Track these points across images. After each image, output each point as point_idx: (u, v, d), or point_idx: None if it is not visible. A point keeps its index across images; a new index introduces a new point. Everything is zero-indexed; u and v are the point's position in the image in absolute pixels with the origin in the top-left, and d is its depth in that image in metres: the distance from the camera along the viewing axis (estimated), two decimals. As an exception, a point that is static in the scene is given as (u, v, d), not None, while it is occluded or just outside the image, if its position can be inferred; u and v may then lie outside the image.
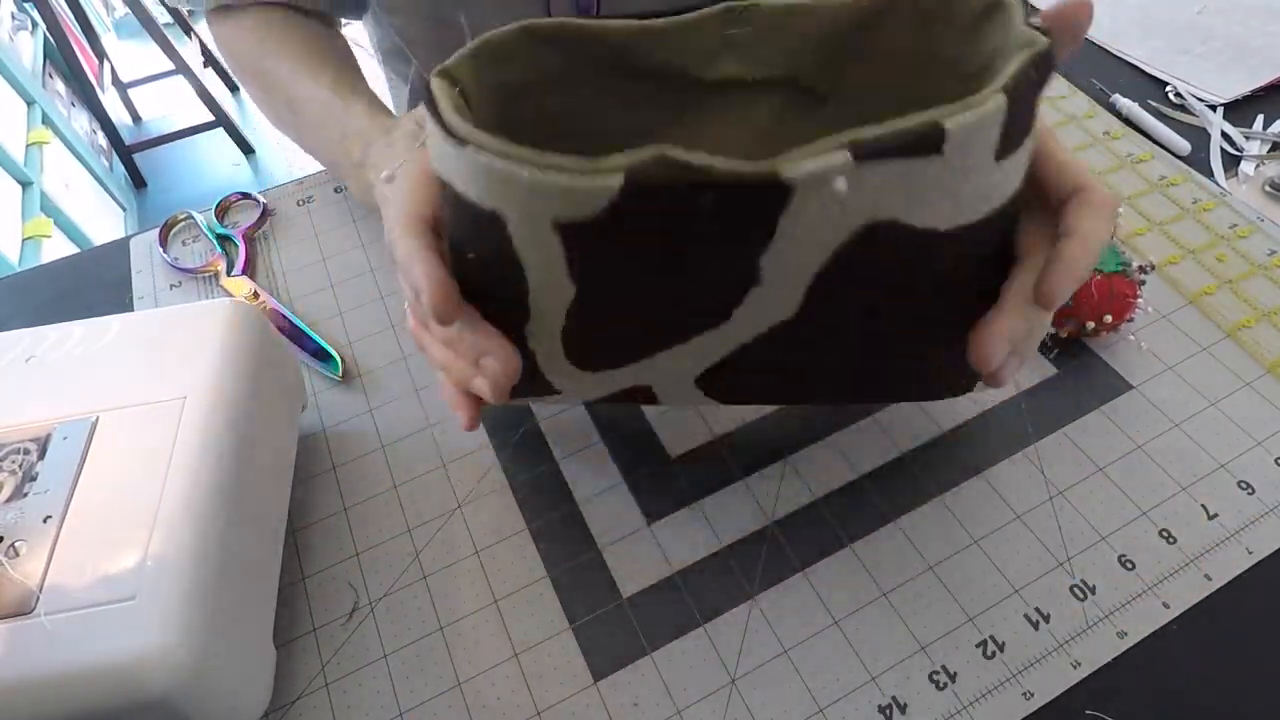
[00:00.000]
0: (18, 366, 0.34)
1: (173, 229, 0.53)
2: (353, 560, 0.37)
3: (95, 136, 1.91)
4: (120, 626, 0.27)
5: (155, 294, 0.49)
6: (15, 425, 0.32)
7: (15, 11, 1.77)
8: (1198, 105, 0.57)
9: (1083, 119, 0.56)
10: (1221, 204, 0.50)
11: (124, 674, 0.26)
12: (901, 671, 0.33)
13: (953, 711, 0.32)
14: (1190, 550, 0.36)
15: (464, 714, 0.33)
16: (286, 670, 0.34)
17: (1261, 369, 0.42)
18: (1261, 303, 0.45)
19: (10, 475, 0.31)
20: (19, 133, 1.54)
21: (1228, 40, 0.61)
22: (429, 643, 0.35)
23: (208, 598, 0.28)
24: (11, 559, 0.29)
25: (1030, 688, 0.32)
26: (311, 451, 0.41)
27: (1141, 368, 0.42)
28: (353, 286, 0.49)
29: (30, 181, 1.48)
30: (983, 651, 0.33)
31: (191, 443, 0.31)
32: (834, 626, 0.34)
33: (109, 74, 2.05)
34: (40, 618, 0.27)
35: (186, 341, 0.35)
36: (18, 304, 0.50)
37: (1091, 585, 0.35)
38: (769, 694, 0.33)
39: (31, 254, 1.38)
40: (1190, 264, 0.47)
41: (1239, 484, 0.38)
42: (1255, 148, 0.54)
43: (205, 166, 2.07)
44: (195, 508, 0.30)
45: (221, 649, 0.29)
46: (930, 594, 0.35)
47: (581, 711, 0.33)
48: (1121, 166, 0.52)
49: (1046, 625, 0.34)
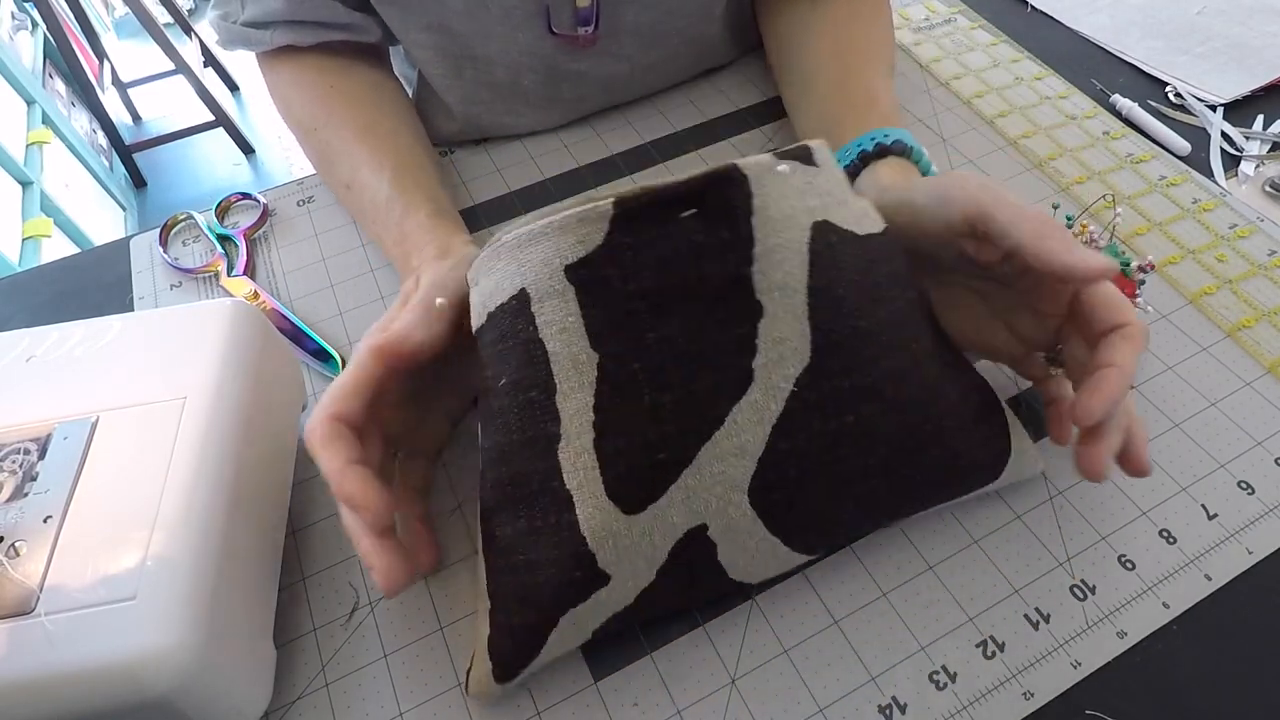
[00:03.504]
0: (18, 366, 0.34)
1: (173, 229, 0.53)
2: (353, 560, 0.37)
3: (95, 136, 1.91)
4: (120, 626, 0.27)
5: (155, 294, 0.49)
6: (15, 425, 0.32)
7: (15, 11, 1.77)
8: (1198, 105, 0.57)
9: (1083, 119, 0.56)
10: (1221, 204, 0.50)
11: (124, 674, 0.26)
12: (901, 671, 0.33)
13: (953, 711, 0.32)
14: (1190, 550, 0.36)
15: (464, 714, 0.33)
16: (286, 670, 0.34)
17: (1261, 369, 0.42)
18: (1261, 303, 0.45)
19: (10, 475, 0.31)
20: (19, 133, 1.54)
21: (1228, 40, 0.61)
22: (429, 643, 0.35)
23: (208, 598, 0.28)
24: (11, 559, 0.29)
25: (1030, 688, 0.32)
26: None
27: (1141, 368, 0.42)
28: (353, 286, 0.49)
29: (30, 181, 1.48)
30: (983, 651, 0.33)
31: (191, 443, 0.32)
32: (834, 626, 0.34)
33: (109, 74, 2.05)
34: (40, 618, 0.27)
35: (186, 341, 0.35)
36: (18, 304, 0.50)
37: (1091, 585, 0.35)
38: (769, 694, 0.33)
39: (31, 254, 1.38)
40: (1190, 264, 0.47)
41: (1239, 484, 0.38)
42: (1255, 148, 0.54)
43: (205, 166, 2.07)
44: (195, 508, 0.30)
45: (221, 649, 0.29)
46: (930, 594, 0.35)
47: (581, 711, 0.33)
48: (1121, 166, 0.52)
49: (1046, 625, 0.34)
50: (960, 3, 0.67)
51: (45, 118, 1.64)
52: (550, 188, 0.54)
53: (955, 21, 0.65)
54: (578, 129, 0.58)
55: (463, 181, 0.55)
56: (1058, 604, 0.34)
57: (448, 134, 0.57)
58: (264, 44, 0.49)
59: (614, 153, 0.56)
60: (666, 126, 0.57)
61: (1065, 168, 0.52)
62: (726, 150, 0.55)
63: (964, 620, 0.34)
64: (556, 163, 0.56)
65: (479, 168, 0.56)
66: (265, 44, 0.49)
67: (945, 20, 0.65)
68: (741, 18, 0.58)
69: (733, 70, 0.62)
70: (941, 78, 0.60)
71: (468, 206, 0.53)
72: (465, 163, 0.56)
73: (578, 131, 0.58)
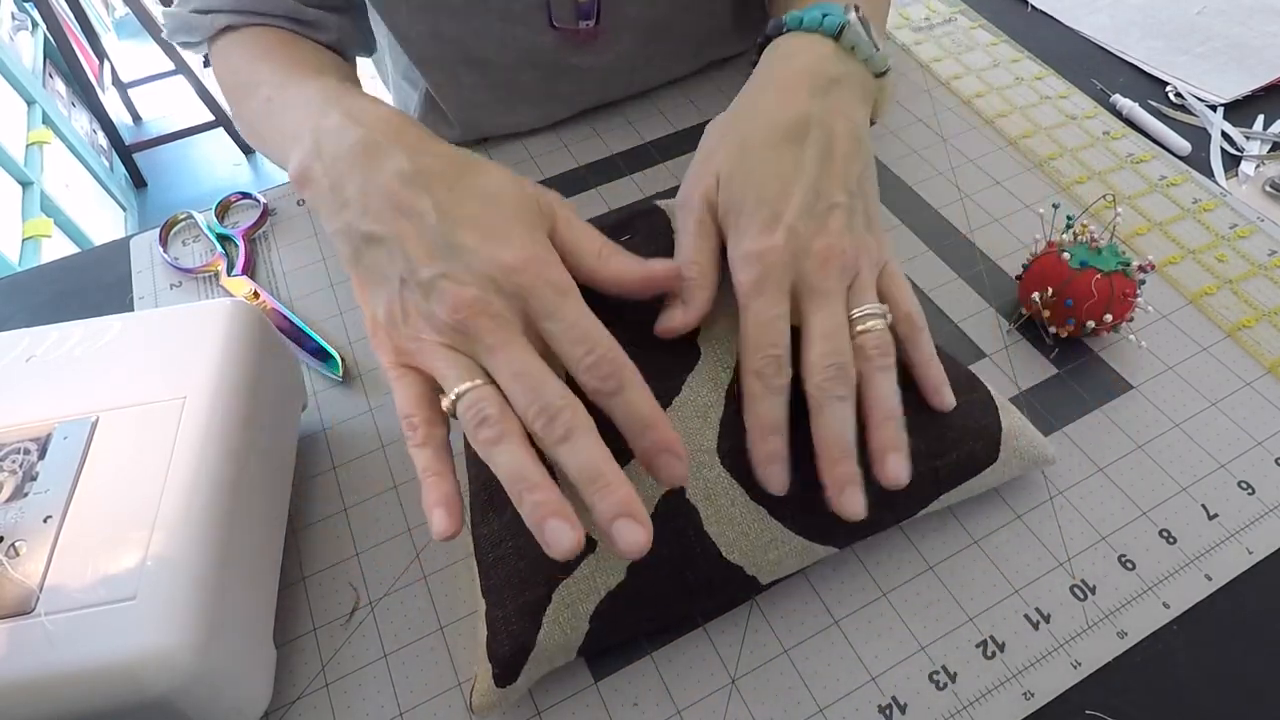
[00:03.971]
0: (18, 366, 0.34)
1: (173, 229, 0.53)
2: (353, 560, 0.37)
3: (95, 136, 1.91)
4: (120, 626, 0.27)
5: (155, 294, 0.49)
6: (15, 425, 0.32)
7: (15, 11, 1.77)
8: (1198, 105, 0.57)
9: (1083, 119, 0.56)
10: (1222, 204, 0.50)
11: (124, 674, 0.26)
12: (901, 671, 0.33)
13: (953, 711, 0.32)
14: (1190, 550, 0.36)
15: (464, 714, 0.33)
16: (286, 670, 0.34)
17: (1262, 369, 0.42)
18: (1261, 303, 0.45)
19: (10, 475, 0.31)
20: (19, 133, 1.54)
21: (1228, 40, 0.61)
22: (429, 643, 0.35)
23: (208, 598, 0.28)
24: (11, 559, 0.29)
25: (1030, 688, 0.32)
26: (311, 451, 0.41)
27: (1141, 368, 0.42)
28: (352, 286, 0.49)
29: (30, 181, 1.48)
30: (983, 651, 0.33)
31: (191, 443, 0.31)
32: (834, 626, 0.34)
33: (109, 74, 2.05)
34: (40, 618, 0.27)
35: (186, 341, 0.35)
36: (18, 304, 0.50)
37: (1091, 585, 0.35)
38: (769, 694, 0.33)
39: (31, 254, 1.38)
40: (1190, 264, 0.47)
41: (1239, 484, 0.38)
42: (1255, 148, 0.54)
43: (205, 166, 2.07)
44: (195, 508, 0.30)
45: (221, 649, 0.29)
46: (930, 594, 0.35)
47: (581, 711, 0.33)
48: (1121, 166, 0.52)
49: (1046, 625, 0.34)
50: (960, 2, 0.67)
51: (45, 118, 1.64)
52: (551, 188, 0.54)
53: (955, 21, 0.65)
54: (578, 129, 0.58)
55: (463, 181, 0.55)
56: (1058, 604, 0.34)
57: (448, 139, 0.57)
58: (205, 30, 0.48)
59: (614, 152, 0.56)
60: (666, 126, 0.57)
61: (1065, 168, 0.52)
62: (726, 150, 0.55)
63: (964, 620, 0.34)
64: (557, 162, 0.56)
65: (479, 168, 0.56)
66: (207, 29, 0.48)
67: (945, 20, 0.65)
68: (742, 10, 0.58)
69: (733, 69, 0.61)
70: (941, 77, 0.60)
71: (468, 206, 0.53)
72: (465, 163, 0.56)
73: (578, 131, 0.58)
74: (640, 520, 0.27)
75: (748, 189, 0.34)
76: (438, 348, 0.30)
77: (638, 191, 0.53)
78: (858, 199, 0.35)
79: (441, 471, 0.29)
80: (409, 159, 0.32)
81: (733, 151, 0.36)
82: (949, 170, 0.53)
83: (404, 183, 0.31)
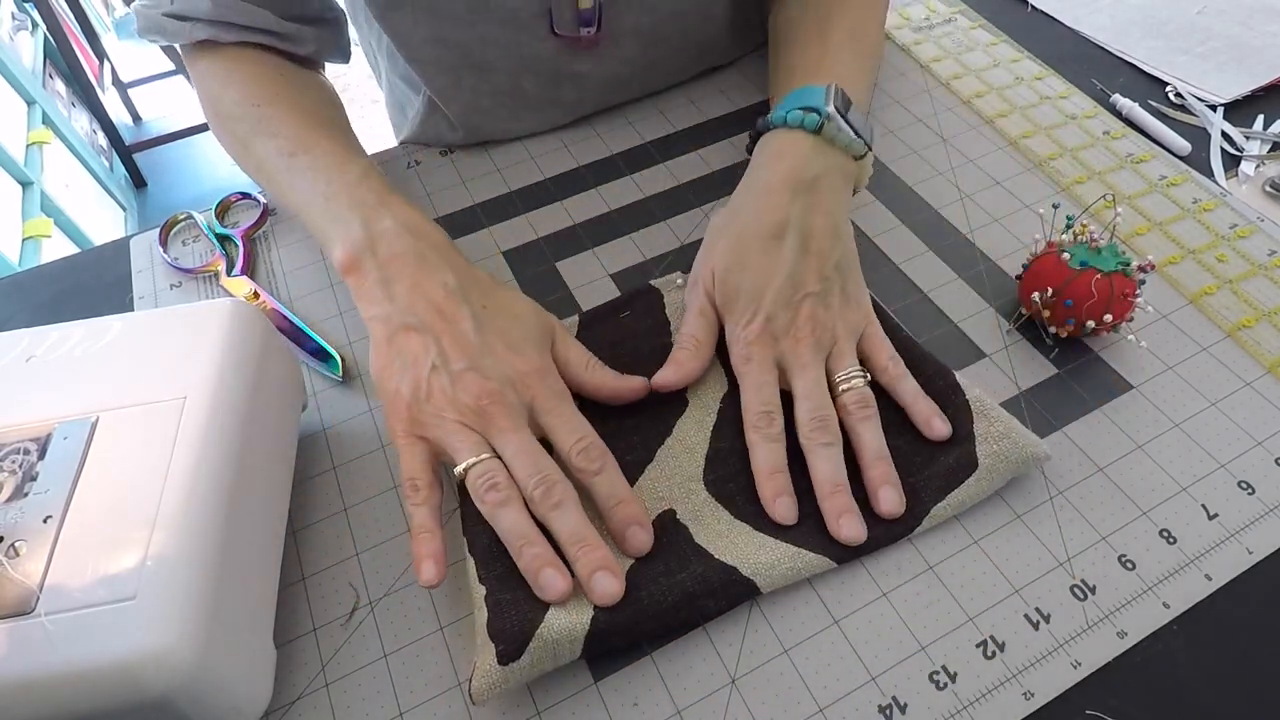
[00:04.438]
0: (18, 366, 0.34)
1: (173, 229, 0.53)
2: (353, 560, 0.37)
3: (95, 136, 1.91)
4: (120, 626, 0.27)
5: (155, 294, 0.49)
6: (15, 425, 0.32)
7: (15, 11, 1.77)
8: (1198, 105, 0.57)
9: (1083, 119, 0.56)
10: (1222, 204, 0.50)
11: (124, 674, 0.26)
12: (901, 671, 0.33)
13: (953, 711, 0.32)
14: (1190, 550, 0.36)
15: (464, 714, 0.33)
16: (286, 670, 0.34)
17: (1262, 369, 0.42)
18: (1261, 303, 0.45)
19: (10, 475, 0.31)
20: (19, 133, 1.54)
21: (1228, 40, 0.61)
22: (429, 643, 0.35)
23: (208, 598, 0.28)
24: (11, 559, 0.29)
25: (1030, 688, 0.32)
26: (311, 451, 0.41)
27: (1141, 368, 0.42)
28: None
29: (30, 181, 1.48)
30: (983, 651, 0.33)
31: (191, 443, 0.31)
32: (834, 626, 0.34)
33: (109, 74, 2.05)
34: (40, 618, 0.27)
35: (186, 341, 0.35)
36: (18, 304, 0.50)
37: (1091, 585, 0.35)
38: (769, 694, 0.33)
39: (31, 254, 1.38)
40: (1190, 264, 0.47)
41: (1239, 484, 0.38)
42: (1255, 148, 0.54)
43: (205, 166, 2.07)
44: (195, 508, 0.30)
45: (221, 649, 0.29)
46: (930, 594, 0.35)
47: (581, 711, 0.33)
48: (1121, 166, 0.52)
49: (1046, 625, 0.34)
50: (960, 2, 0.67)
51: (45, 118, 1.63)
52: (551, 188, 0.54)
53: (955, 21, 0.65)
54: (578, 129, 0.58)
55: (463, 181, 0.55)
56: (1058, 604, 0.34)
57: (449, 142, 0.57)
58: (181, 37, 0.48)
59: (614, 152, 0.56)
60: (666, 126, 0.57)
61: (1065, 167, 0.52)
62: (726, 150, 0.55)
63: (964, 620, 0.34)
64: (557, 163, 0.56)
65: (479, 167, 0.56)
66: (182, 37, 0.48)
67: (945, 20, 0.65)
68: (742, 17, 0.59)
69: (733, 70, 0.62)
70: (941, 77, 0.60)
71: (467, 206, 0.53)
72: (465, 163, 0.56)
73: (578, 131, 0.58)
74: (615, 574, 0.33)
75: (739, 283, 0.41)
76: (457, 425, 0.36)
77: (638, 191, 0.53)
78: (833, 282, 0.41)
79: (434, 530, 0.34)
80: (455, 276, 0.39)
81: (727, 249, 0.43)
82: (949, 170, 0.53)
83: (448, 294, 0.39)
